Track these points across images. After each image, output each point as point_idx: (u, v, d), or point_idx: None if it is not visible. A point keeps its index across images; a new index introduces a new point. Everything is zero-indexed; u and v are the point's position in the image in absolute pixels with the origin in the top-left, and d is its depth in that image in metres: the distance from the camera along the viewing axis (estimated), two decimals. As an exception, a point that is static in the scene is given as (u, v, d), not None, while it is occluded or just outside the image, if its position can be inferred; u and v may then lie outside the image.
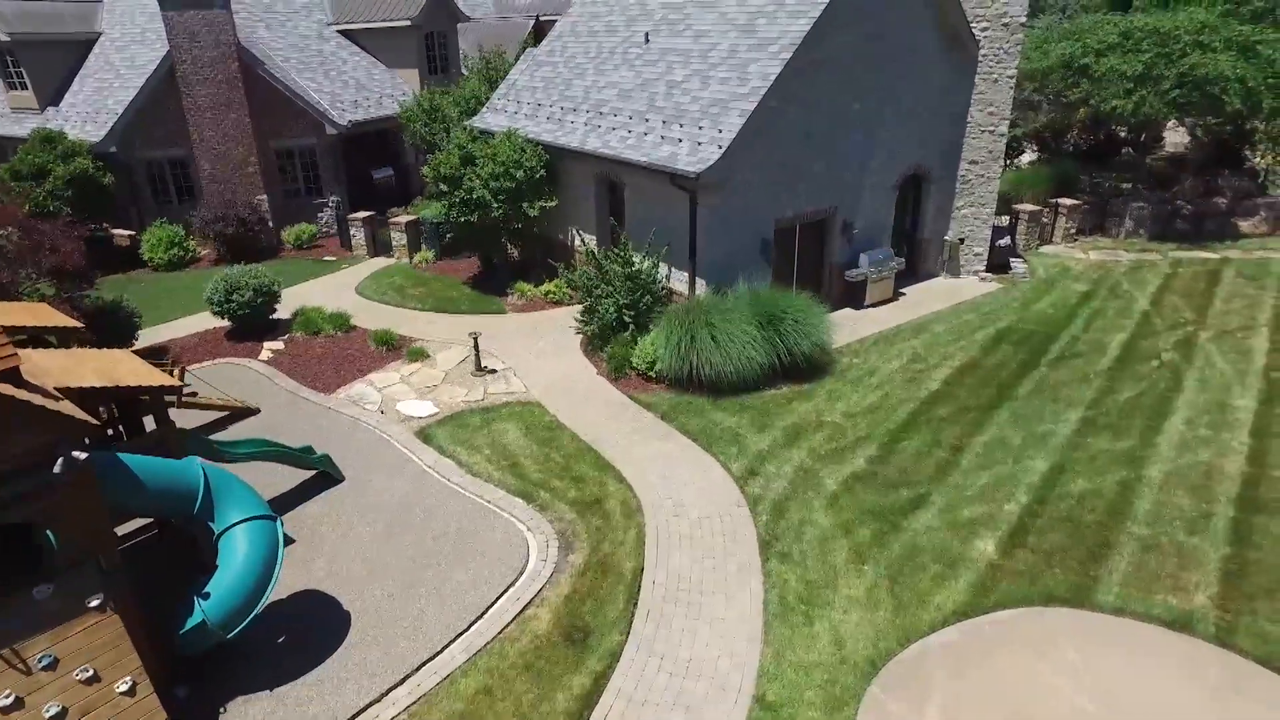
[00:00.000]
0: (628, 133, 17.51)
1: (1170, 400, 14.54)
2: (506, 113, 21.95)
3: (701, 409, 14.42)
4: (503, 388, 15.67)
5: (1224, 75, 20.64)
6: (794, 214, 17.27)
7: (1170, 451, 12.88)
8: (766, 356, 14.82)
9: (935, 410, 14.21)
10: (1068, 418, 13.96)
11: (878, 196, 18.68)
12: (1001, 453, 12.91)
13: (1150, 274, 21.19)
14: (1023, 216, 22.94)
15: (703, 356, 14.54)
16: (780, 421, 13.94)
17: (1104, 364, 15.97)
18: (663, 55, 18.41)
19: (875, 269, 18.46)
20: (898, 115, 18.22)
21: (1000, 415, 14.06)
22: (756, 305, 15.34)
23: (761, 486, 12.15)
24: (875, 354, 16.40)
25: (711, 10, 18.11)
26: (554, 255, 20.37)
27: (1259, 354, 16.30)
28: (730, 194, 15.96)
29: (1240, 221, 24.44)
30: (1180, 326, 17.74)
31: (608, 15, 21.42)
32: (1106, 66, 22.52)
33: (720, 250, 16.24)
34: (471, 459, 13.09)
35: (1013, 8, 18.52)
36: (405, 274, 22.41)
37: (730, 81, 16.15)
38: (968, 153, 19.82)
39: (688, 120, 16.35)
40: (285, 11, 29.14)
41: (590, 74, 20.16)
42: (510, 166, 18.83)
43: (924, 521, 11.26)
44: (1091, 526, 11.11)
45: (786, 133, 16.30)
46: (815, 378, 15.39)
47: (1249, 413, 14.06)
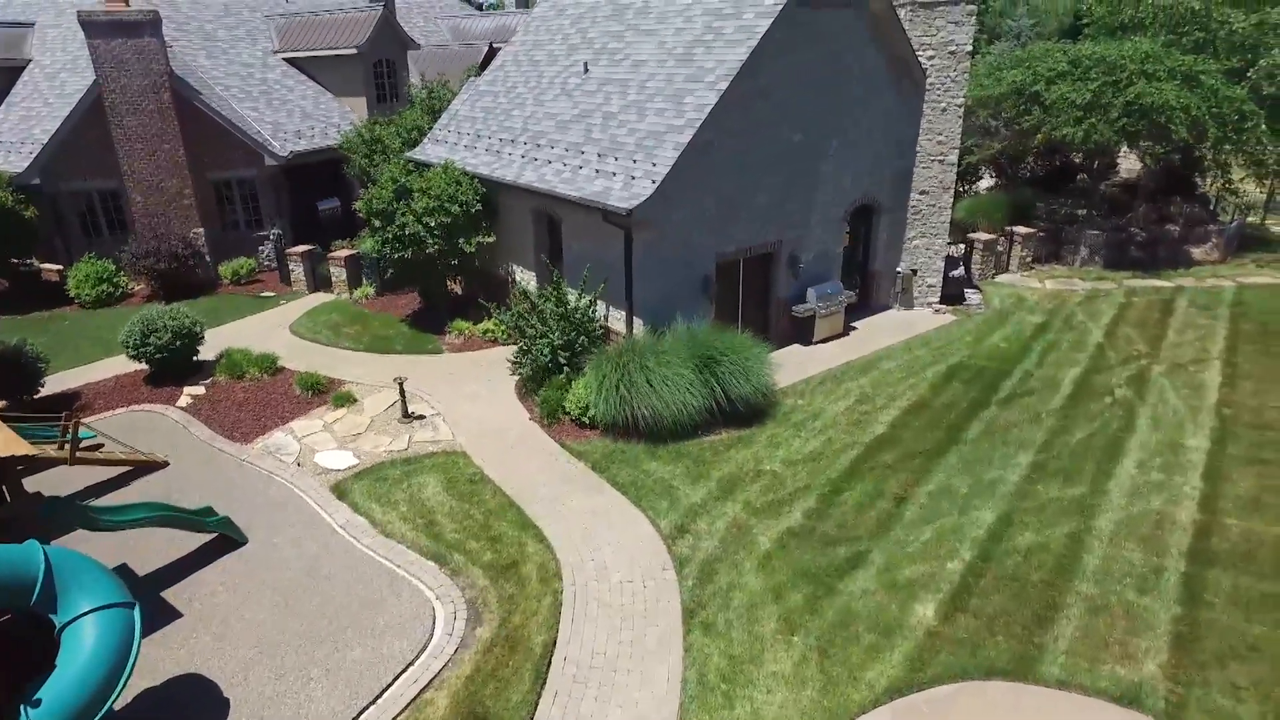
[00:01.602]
0: (563, 166, 16.86)
1: (1122, 441, 14.00)
2: (447, 144, 21.26)
3: (635, 458, 13.68)
4: (429, 435, 14.85)
5: (1169, 104, 20.39)
6: (737, 248, 16.66)
7: (1121, 499, 12.30)
8: (704, 400, 14.13)
9: (880, 456, 13.55)
10: (1018, 462, 13.36)
11: (826, 229, 18.13)
12: (947, 503, 12.26)
13: (1105, 304, 20.79)
14: (977, 246, 22.53)
15: (636, 402, 13.82)
16: (717, 471, 13.22)
17: (1056, 402, 15.43)
18: (601, 85, 17.81)
19: (824, 304, 17.87)
20: (844, 145, 17.72)
21: (948, 460, 13.43)
22: (694, 346, 14.66)
23: (691, 545, 11.40)
24: (821, 395, 15.76)
25: (651, 39, 17.57)
26: (496, 291, 19.64)
27: (1211, 389, 15.85)
28: (667, 229, 15.32)
29: (1193, 249, 24.20)
30: (1134, 360, 17.28)
31: (549, 44, 20.84)
32: (1057, 94, 22.25)
33: (658, 288, 15.57)
34: (386, 517, 12.25)
35: (958, 36, 18.13)
36: (343, 311, 21.56)
37: (666, 113, 15.56)
38: (918, 182, 19.35)
39: (623, 154, 15.72)
40: (228, 39, 28.37)
41: (530, 104, 19.53)
42: (445, 200, 18.11)
43: (861, 583, 10.55)
44: (1038, 586, 10.45)
45: (726, 165, 15.72)
46: (757, 422, 14.71)
47: (1201, 453, 13.54)
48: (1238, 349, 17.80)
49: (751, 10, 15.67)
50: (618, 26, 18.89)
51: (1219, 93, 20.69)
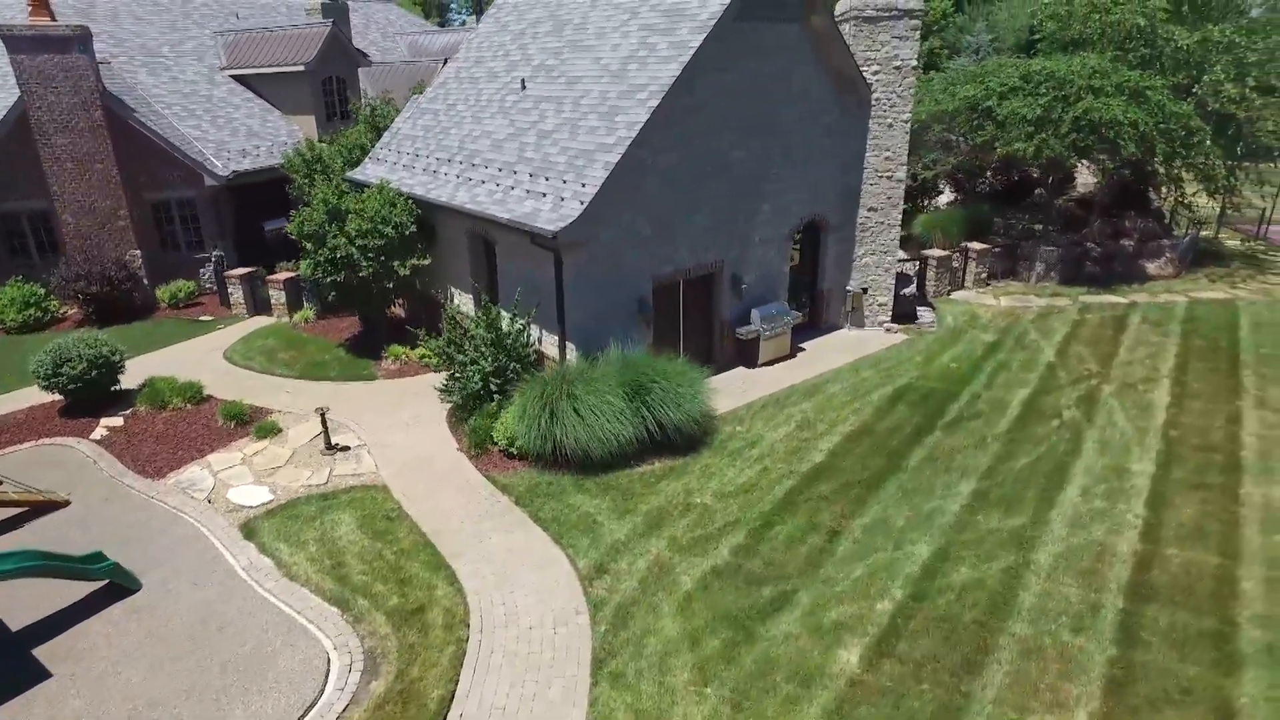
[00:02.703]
0: (496, 186, 16.32)
1: (1068, 466, 13.57)
2: (387, 163, 20.69)
3: (561, 491, 13.08)
4: (351, 468, 14.20)
5: (1116, 119, 20.15)
6: (675, 270, 16.16)
7: (1062, 529, 11.83)
8: (634, 430, 13.57)
9: (817, 487, 13.03)
10: (959, 491, 12.88)
11: (770, 248, 17.68)
12: (882, 537, 11.74)
13: (1058, 321, 20.45)
14: (931, 262, 22.16)
15: (561, 432, 13.24)
16: (645, 504, 12.65)
17: (1003, 425, 14.99)
18: (537, 103, 17.31)
19: (769, 325, 17.38)
20: (787, 163, 17.30)
21: (887, 490, 12.92)
22: (627, 372, 14.11)
23: (608, 587, 10.81)
24: (762, 420, 15.23)
25: (588, 55, 17.09)
26: (437, 314, 19.02)
27: (1159, 409, 15.48)
28: (599, 251, 14.80)
29: (1147, 264, 23.97)
30: (1084, 380, 16.89)
31: (490, 60, 20.34)
32: (1008, 110, 21.97)
33: (590, 312, 15.03)
34: (293, 559, 11.59)
35: (903, 51, 17.79)
36: (281, 335, 20.87)
37: (598, 131, 15.07)
38: (866, 199, 18.95)
39: (554, 173, 15.21)
40: (172, 55, 27.70)
41: (468, 122, 19.00)
42: (378, 222, 17.51)
43: (784, 627, 9.99)
44: (970, 627, 9.93)
45: (662, 184, 15.24)
46: (693, 450, 14.17)
47: (1146, 478, 13.13)
48: (1188, 367, 17.47)
49: (686, 26, 15.24)
50: (556, 43, 18.43)
51: (1165, 108, 20.47)
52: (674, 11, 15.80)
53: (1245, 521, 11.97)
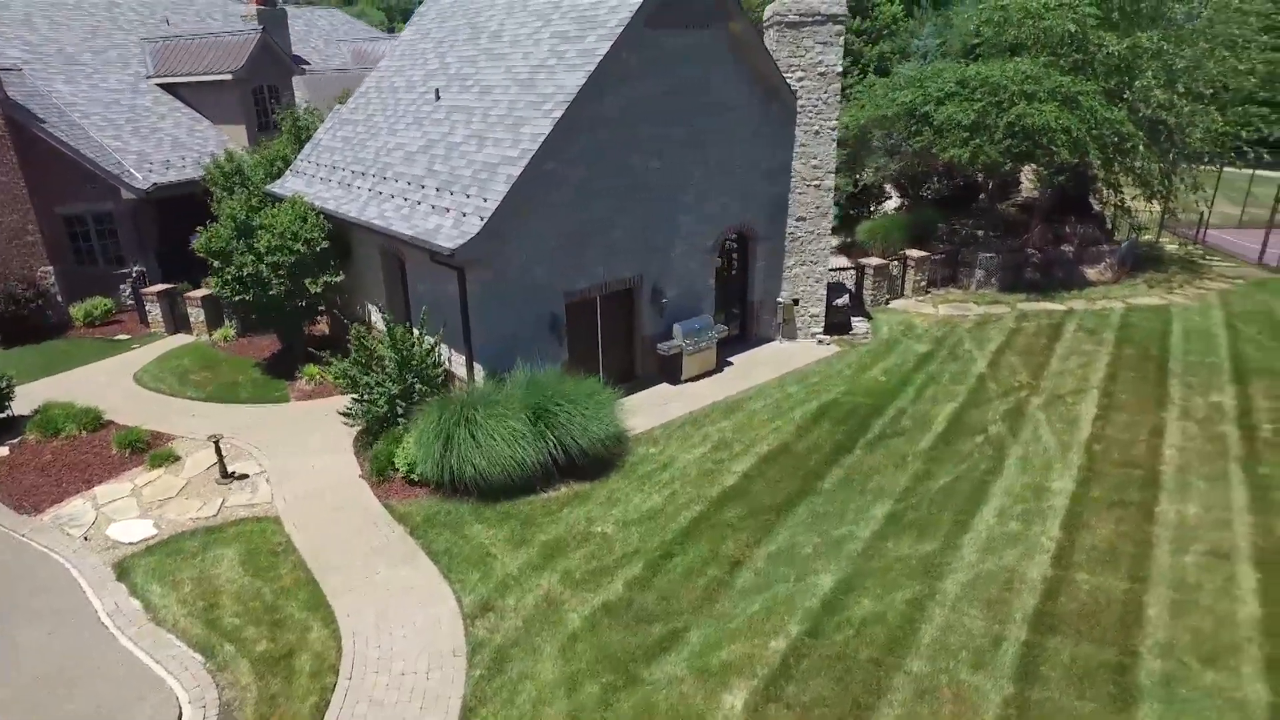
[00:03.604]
0: (404, 201, 15.71)
1: (987, 485, 13.17)
2: (305, 175, 20.01)
3: (459, 521, 12.50)
4: (245, 499, 13.53)
5: (1049, 125, 19.87)
6: (590, 285, 15.62)
7: (973, 554, 11.40)
8: (538, 455, 12.99)
9: (724, 513, 12.52)
10: (873, 514, 12.43)
11: (693, 260, 17.18)
12: (786, 566, 11.25)
13: (994, 330, 20.12)
14: (868, 271, 21.77)
15: (460, 459, 12.65)
16: (543, 534, 12.08)
17: (926, 442, 14.58)
18: (450, 114, 16.73)
19: (692, 340, 16.88)
20: (709, 173, 16.82)
21: (797, 515, 12.45)
22: (533, 394, 13.55)
23: (491, 626, 10.24)
24: (677, 441, 14.72)
25: (500, 64, 16.54)
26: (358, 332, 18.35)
27: (1085, 423, 15.15)
28: (505, 268, 14.25)
29: (1087, 269, 23.76)
30: (1014, 392, 16.54)
31: (410, 69, 19.73)
32: (944, 115, 21.64)
33: (499, 331, 14.47)
34: (164, 602, 10.91)
35: (828, 57, 17.37)
36: (198, 355, 20.10)
37: (503, 143, 14.51)
38: (795, 209, 18.52)
39: (459, 187, 14.64)
40: (93, 63, 26.80)
41: (384, 134, 18.37)
42: (289, 239, 16.84)
43: (669, 669, 9.46)
44: (865, 666, 9.45)
45: (573, 197, 14.72)
46: (601, 475, 13.63)
47: (1065, 497, 12.75)
48: (1117, 376, 17.18)
49: (595, 33, 14.73)
50: (473, 51, 17.87)
51: (1097, 114, 20.22)
52: (585, 19, 15.29)
53: (1157, 541, 11.61)
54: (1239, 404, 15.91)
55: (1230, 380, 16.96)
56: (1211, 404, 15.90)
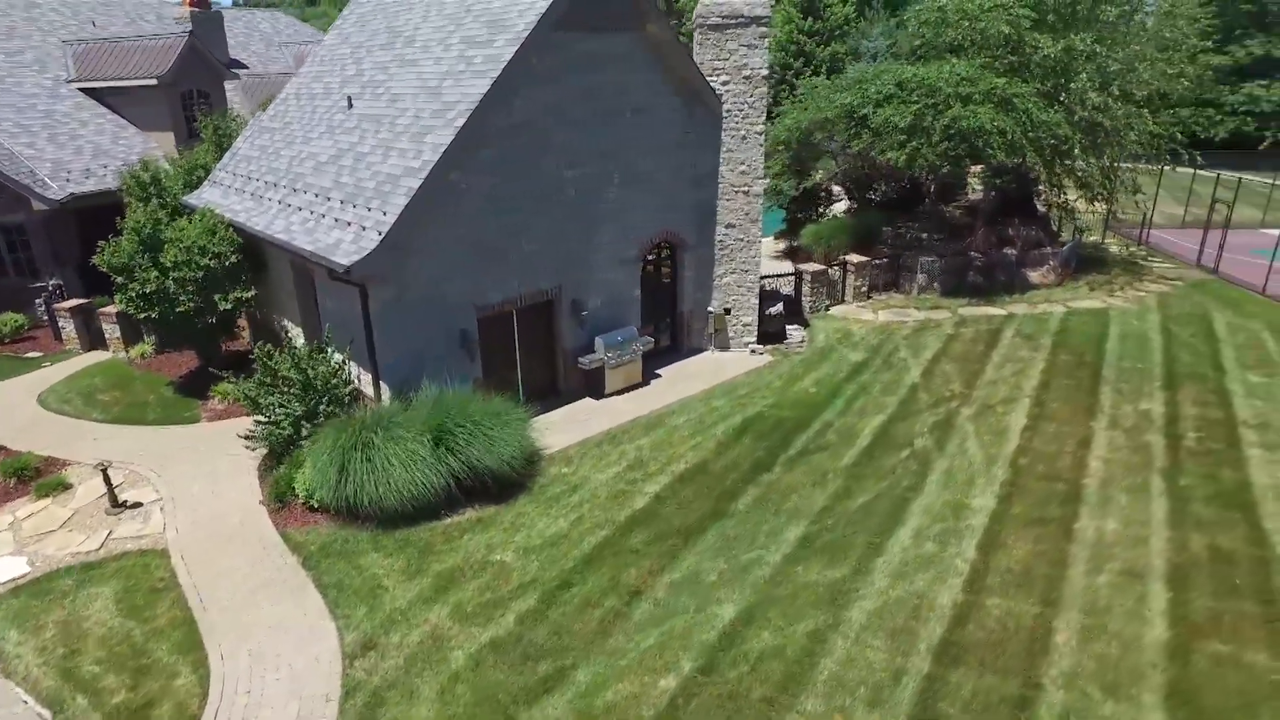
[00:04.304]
0: (310, 214, 15.10)
1: (907, 504, 12.77)
2: (222, 186, 19.30)
3: (356, 549, 11.91)
4: (134, 530, 12.86)
5: (984, 128, 19.58)
6: (504, 299, 15.09)
7: (884, 580, 10.98)
8: (440, 478, 12.43)
9: (630, 538, 12.03)
10: (785, 537, 11.98)
11: (616, 271, 16.69)
12: (688, 596, 10.77)
13: (932, 336, 19.79)
14: (806, 277, 21.38)
15: (356, 485, 12.07)
16: (440, 563, 11.53)
17: (849, 458, 14.17)
18: (361, 122, 16.12)
19: (615, 353, 16.38)
20: (630, 180, 16.34)
21: (706, 539, 11.98)
22: (438, 414, 12.99)
23: (370, 667, 9.67)
24: (592, 460, 14.21)
25: (412, 70, 15.95)
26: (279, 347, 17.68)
27: (1013, 434, 14.82)
28: (411, 282, 13.69)
29: (1030, 272, 23.55)
30: (945, 402, 16.19)
31: (329, 75, 19.07)
32: (881, 118, 21.30)
33: (404, 348, 13.90)
34: (19, 650, 10.23)
35: (753, 59, 16.94)
36: (111, 373, 19.31)
37: (407, 154, 13.94)
38: (724, 216, 18.08)
39: (361, 200, 14.05)
40: (7, 66, 25.84)
41: (299, 143, 17.71)
42: (196, 253, 16.15)
43: (550, 712, 8.96)
44: (756, 706, 8.99)
45: (480, 209, 14.19)
46: (510, 497, 13.11)
47: (984, 515, 12.38)
48: (1050, 384, 16.90)
49: (502, 37, 14.19)
50: (387, 57, 17.26)
51: (1033, 116, 19.96)
52: (495, 23, 14.75)
53: (1073, 561, 11.27)
54: (1167, 411, 15.67)
55: (1161, 387, 16.73)
56: (1140, 412, 15.65)
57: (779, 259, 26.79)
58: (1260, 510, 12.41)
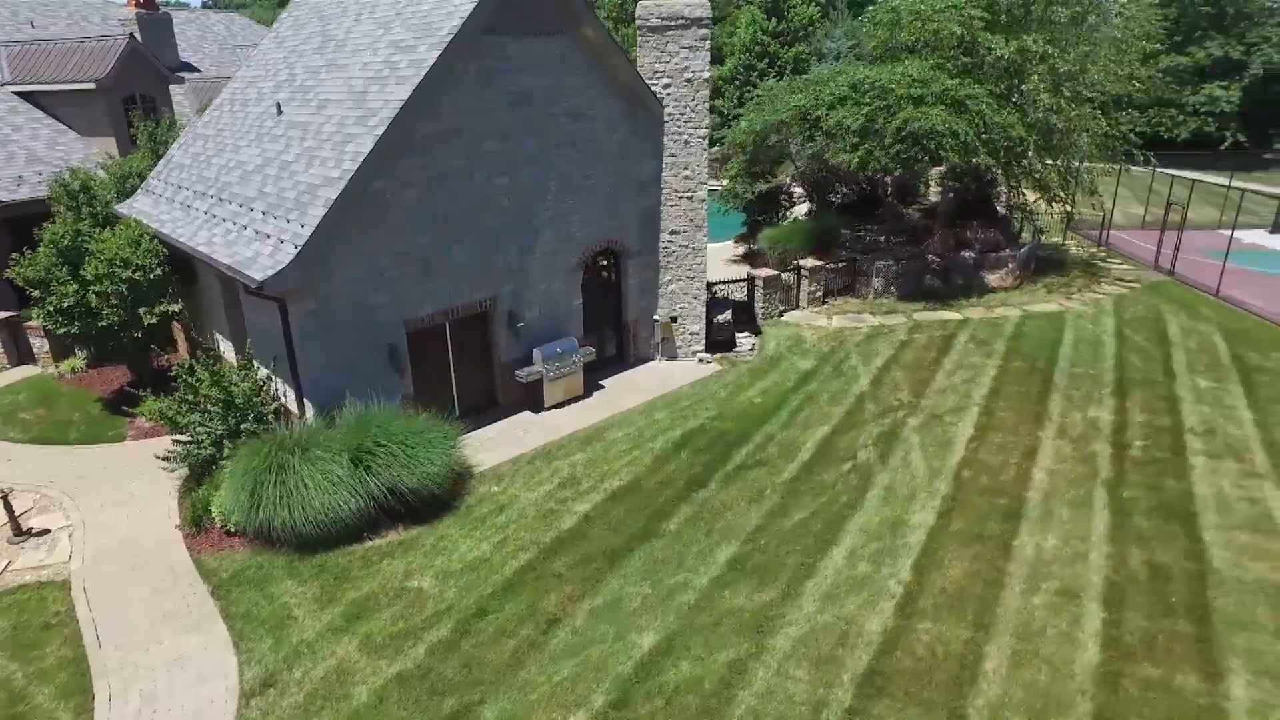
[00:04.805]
0: (233, 225, 14.55)
1: (844, 521, 12.41)
2: (154, 195, 18.69)
3: (269, 576, 11.41)
4: (38, 559, 12.29)
5: (936, 130, 19.29)
6: (435, 311, 14.61)
7: (814, 603, 10.61)
8: (359, 500, 11.95)
9: (554, 561, 11.59)
10: (715, 558, 11.58)
11: (555, 280, 16.24)
12: (608, 623, 10.35)
13: (884, 343, 19.47)
14: (759, 283, 21.01)
15: (269, 509, 11.56)
16: (354, 591, 11.05)
17: (789, 473, 13.80)
18: (289, 129, 15.58)
19: (553, 365, 15.93)
20: (568, 187, 15.90)
21: (633, 562, 11.56)
22: (361, 432, 12.50)
23: (268, 705, 9.18)
24: (524, 477, 13.76)
25: (340, 76, 15.44)
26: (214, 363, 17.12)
27: (959, 445, 14.51)
28: (333, 296, 13.19)
29: (988, 275, 23.30)
30: (892, 411, 15.86)
31: (263, 80, 18.51)
32: (834, 120, 20.97)
33: (328, 363, 13.40)
34: (-102, 694, 9.65)
35: (694, 62, 16.55)
36: (38, 390, 18.65)
37: (328, 163, 13.44)
38: (667, 222, 17.68)
39: (282, 211, 13.54)
40: (-62, 70, 25.04)
41: (228, 151, 17.14)
42: (118, 265, 15.56)
43: (451, 754, 8.48)
44: (667, 741, 8.56)
45: (407, 219, 13.72)
46: (436, 518, 12.65)
47: (923, 533, 12.03)
48: (1001, 392, 16.62)
49: (426, 42, 13.72)
50: (319, 61, 16.73)
51: (986, 117, 19.68)
52: (421, 26, 14.27)
53: (1009, 581, 10.94)
54: (1116, 419, 15.43)
55: (1111, 393, 16.49)
56: (1089, 420, 15.39)
57: (738, 263, 26.46)
58: (1200, 522, 12.16)
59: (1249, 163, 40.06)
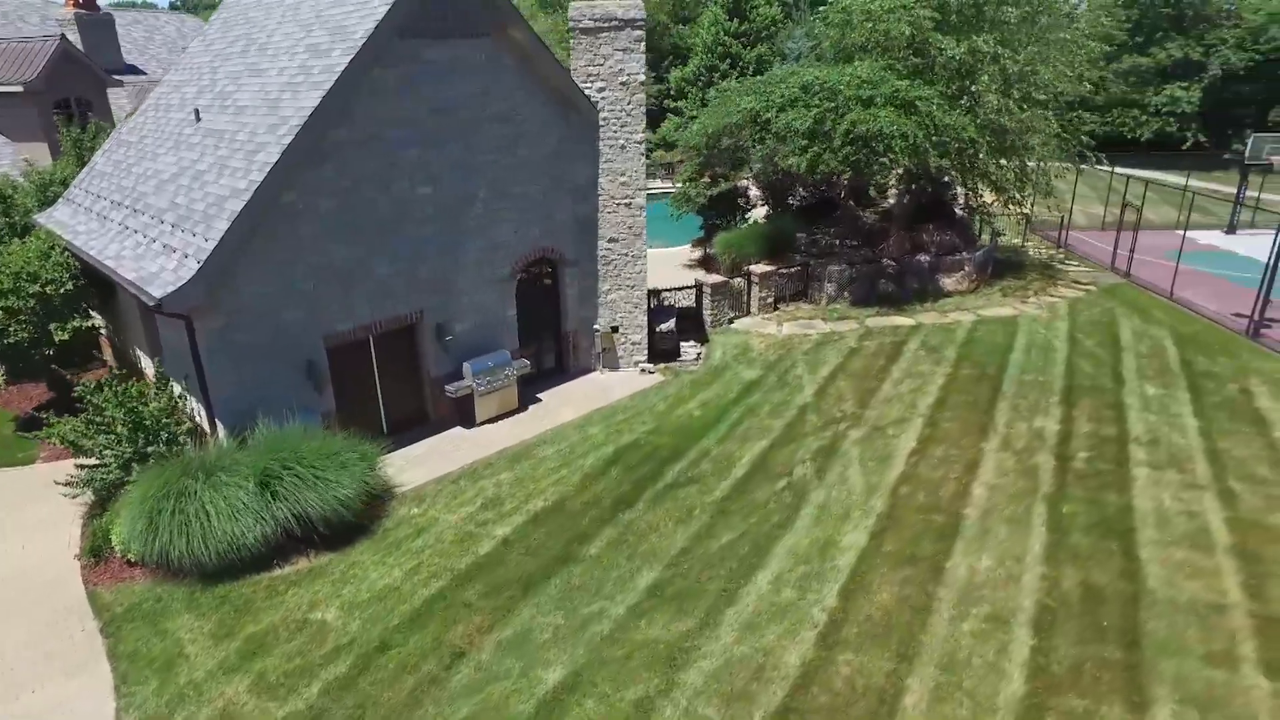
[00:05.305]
0: (144, 238, 13.94)
1: (774, 543, 11.97)
2: (74, 204, 17.98)
3: (166, 610, 10.85)
4: (-77, 595, 11.60)
5: (884, 132, 18.89)
6: (356, 326, 14.05)
7: (732, 634, 10.15)
8: (268, 526, 11.39)
9: (467, 589, 11.08)
10: (635, 585, 11.11)
11: (486, 292, 15.72)
12: (514, 657, 9.85)
13: (833, 351, 19.06)
14: (706, 289, 20.54)
15: (165, 538, 10.98)
16: (254, 624, 10.49)
17: (721, 491, 13.35)
18: (205, 137, 14.96)
19: (485, 379, 15.41)
20: (498, 195, 15.39)
21: (549, 589, 11.06)
22: (268, 455, 11.93)
23: (142, 760, 8.60)
24: (445, 499, 13.24)
25: (258, 81, 14.84)
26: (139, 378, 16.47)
27: (899, 459, 14.11)
28: (243, 313, 12.62)
29: (944, 279, 22.96)
30: (834, 424, 15.45)
31: (187, 86, 17.85)
32: (782, 122, 20.54)
33: (241, 382, 12.83)
34: None
35: (629, 64, 16.07)
36: (-46, 406, 17.89)
37: (237, 173, 12.86)
38: (605, 230, 17.19)
39: (189, 224, 12.95)
40: None
41: (149, 159, 16.49)
42: (24, 279, 14.89)
43: (331, 809, 7.95)
44: (563, 789, 8.06)
45: (323, 231, 13.18)
46: (350, 542, 12.12)
47: (853, 554, 11.61)
48: (947, 401, 16.24)
49: (340, 46, 13.15)
50: (240, 66, 16.11)
51: (936, 119, 19.31)
52: (338, 30, 13.71)
53: (938, 606, 10.53)
54: (1062, 428, 15.09)
55: (1059, 401, 16.16)
56: (1034, 430, 15.04)
57: (694, 267, 26.02)
58: (1138, 538, 11.81)
59: (1209, 163, 40.05)
